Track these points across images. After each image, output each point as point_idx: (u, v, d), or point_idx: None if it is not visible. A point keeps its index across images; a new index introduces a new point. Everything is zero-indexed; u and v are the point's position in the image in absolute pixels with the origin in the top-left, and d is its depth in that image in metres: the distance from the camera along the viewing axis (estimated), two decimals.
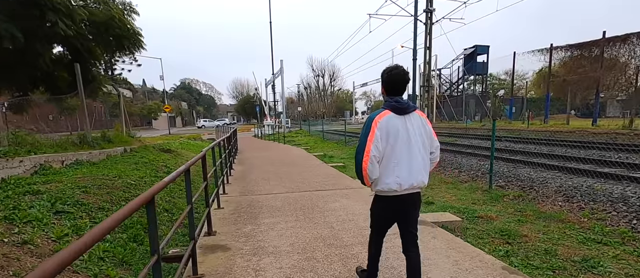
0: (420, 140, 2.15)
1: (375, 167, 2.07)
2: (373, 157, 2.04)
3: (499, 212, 5.14)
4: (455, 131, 20.58)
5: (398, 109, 2.11)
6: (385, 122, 2.07)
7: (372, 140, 2.04)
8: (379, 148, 2.05)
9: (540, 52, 23.04)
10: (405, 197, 2.16)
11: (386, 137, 2.07)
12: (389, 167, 2.09)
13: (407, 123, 2.11)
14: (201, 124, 54.94)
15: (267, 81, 33.48)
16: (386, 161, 2.10)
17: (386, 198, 2.18)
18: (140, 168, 6.56)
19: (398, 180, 2.08)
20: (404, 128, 2.10)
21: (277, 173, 8.34)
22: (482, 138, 14.65)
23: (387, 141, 2.07)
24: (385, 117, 2.09)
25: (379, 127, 2.06)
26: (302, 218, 4.58)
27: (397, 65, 2.23)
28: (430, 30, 16.14)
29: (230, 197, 5.99)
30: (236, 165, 10.21)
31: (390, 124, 2.08)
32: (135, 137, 10.56)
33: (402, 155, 2.09)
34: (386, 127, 2.07)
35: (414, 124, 2.14)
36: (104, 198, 4.35)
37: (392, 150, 2.08)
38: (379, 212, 2.34)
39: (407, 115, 2.12)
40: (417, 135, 2.13)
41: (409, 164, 2.10)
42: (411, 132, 2.11)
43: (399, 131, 2.08)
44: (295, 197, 5.84)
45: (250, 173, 8.59)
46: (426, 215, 4.74)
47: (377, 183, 2.15)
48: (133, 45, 8.83)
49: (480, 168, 8.01)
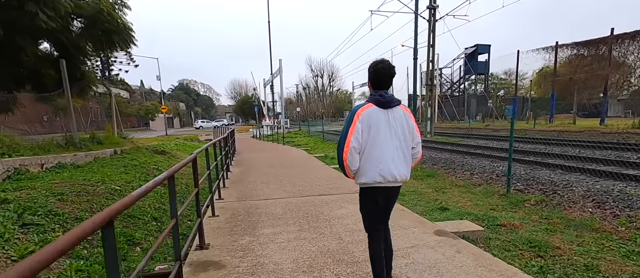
0: (403, 134, 2.15)
1: (355, 158, 2.09)
2: (353, 148, 2.06)
3: (523, 220, 4.67)
4: (459, 131, 20.15)
5: (381, 102, 2.11)
6: (367, 115, 2.09)
7: (353, 132, 2.06)
8: (359, 140, 2.07)
9: (545, 50, 22.63)
10: (387, 190, 2.18)
11: (368, 129, 2.08)
12: (371, 160, 2.11)
13: (389, 117, 2.12)
14: (199, 125, 54.34)
15: (265, 81, 32.98)
16: (368, 153, 2.11)
17: (370, 190, 2.19)
18: (129, 172, 6.06)
19: (382, 172, 2.09)
20: (386, 121, 2.11)
21: (276, 176, 7.86)
22: (489, 138, 14.20)
23: (368, 133, 2.08)
24: (367, 109, 2.10)
25: (360, 120, 2.08)
26: (306, 228, 4.10)
27: (382, 60, 2.22)
28: (433, 28, 15.68)
29: (226, 203, 5.50)
30: (234, 167, 9.72)
31: (373, 116, 2.09)
32: (127, 138, 10.05)
33: (384, 148, 2.10)
34: (368, 120, 2.08)
35: (397, 118, 2.14)
36: (82, 207, 3.85)
37: (374, 142, 2.09)
38: (366, 205, 2.30)
39: (390, 109, 2.13)
40: (399, 129, 2.14)
41: (391, 157, 2.11)
42: (393, 126, 2.12)
43: (380, 124, 2.09)
44: (297, 202, 5.35)
45: (249, 176, 8.10)
46: (444, 224, 4.25)
47: (359, 176, 2.16)
48: (124, 41, 8.30)
49: (494, 171, 7.53)
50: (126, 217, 4.29)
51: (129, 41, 8.43)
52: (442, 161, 9.34)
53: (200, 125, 52.38)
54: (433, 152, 11.42)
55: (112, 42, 8.10)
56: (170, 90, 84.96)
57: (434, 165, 9.18)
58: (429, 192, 6.57)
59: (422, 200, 5.93)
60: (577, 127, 16.43)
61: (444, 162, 9.20)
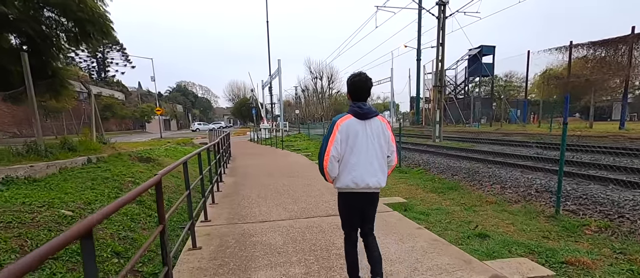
0: (379, 144, 2.28)
1: (335, 166, 2.25)
2: (332, 157, 2.21)
3: (592, 255, 3.62)
4: (467, 135, 19.14)
5: (359, 114, 2.25)
6: (346, 126, 2.24)
7: (333, 142, 2.22)
8: (338, 150, 2.22)
9: (558, 50, 21.66)
10: (362, 195, 2.31)
11: (346, 139, 2.23)
12: (347, 167, 2.26)
13: (367, 127, 2.26)
14: (196, 127, 53.16)
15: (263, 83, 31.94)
16: (345, 161, 2.26)
17: (345, 195, 2.35)
18: (96, 187, 4.99)
19: (355, 179, 2.24)
20: (364, 132, 2.25)
21: (275, 188, 6.81)
22: (504, 143, 13.17)
23: (346, 143, 2.24)
24: (346, 121, 2.25)
25: (339, 130, 2.23)
26: (316, 270, 3.07)
27: (360, 73, 2.33)
28: (443, 25, 14.70)
29: (213, 226, 4.45)
30: (227, 176, 8.66)
31: (351, 127, 2.24)
32: (108, 144, 8.97)
33: (360, 157, 2.24)
34: (346, 130, 2.23)
35: (374, 129, 2.27)
36: (8, 245, 2.79)
37: (351, 151, 2.24)
38: (342, 207, 2.43)
39: (367, 120, 2.27)
40: (375, 139, 2.27)
41: (365, 165, 2.24)
42: (370, 136, 2.26)
43: (358, 134, 2.24)
44: (301, 227, 4.31)
45: (243, 187, 7.05)
46: (499, 264, 3.20)
47: (336, 181, 2.32)
48: (100, 33, 7.22)
49: (531, 184, 6.47)
50: None
51: (107, 33, 7.37)
52: (463, 171, 8.30)
53: (196, 128, 51.20)
54: (448, 159, 10.39)
55: (86, 33, 7.04)
56: (167, 92, 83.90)
57: (454, 175, 8.14)
58: (457, 210, 5.53)
59: (452, 222, 4.89)
60: (595, 131, 15.44)
61: (466, 172, 8.16)
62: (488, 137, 17.07)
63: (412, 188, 7.24)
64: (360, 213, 2.40)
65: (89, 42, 7.58)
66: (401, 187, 7.44)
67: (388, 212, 4.96)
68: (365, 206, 2.38)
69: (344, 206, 2.40)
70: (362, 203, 2.35)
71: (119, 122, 49.24)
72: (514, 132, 17.78)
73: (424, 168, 9.43)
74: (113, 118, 42.94)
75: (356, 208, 2.37)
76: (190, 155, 3.92)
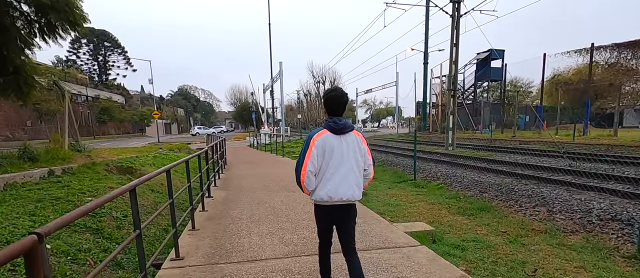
0: (354, 158, 2.31)
1: (311, 180, 2.27)
2: (309, 171, 2.24)
3: None
4: (480, 143, 17.94)
5: (335, 129, 2.29)
6: (322, 141, 2.27)
7: (309, 157, 2.24)
8: (314, 164, 2.25)
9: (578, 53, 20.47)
10: (337, 208, 2.34)
11: (322, 154, 2.26)
12: (323, 180, 2.29)
13: (342, 142, 2.29)
14: (195, 131, 52.11)
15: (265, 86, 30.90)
16: (321, 175, 2.29)
17: (321, 207, 2.39)
18: (38, 213, 3.87)
19: (329, 192, 2.27)
20: (339, 147, 2.28)
21: (272, 207, 5.68)
22: (526, 152, 11.96)
23: (322, 157, 2.26)
24: (322, 136, 2.28)
25: (315, 145, 2.26)
26: None
27: (336, 87, 2.40)
28: (457, 24, 13.60)
29: (185, 268, 3.32)
30: (218, 188, 7.54)
31: (327, 142, 2.27)
32: (84, 151, 7.88)
33: (335, 171, 2.27)
34: (322, 145, 2.26)
35: (350, 143, 2.30)
36: None
37: (326, 165, 2.27)
38: (318, 217, 2.48)
39: (343, 135, 2.30)
40: (351, 153, 2.30)
41: (340, 179, 2.27)
42: (345, 151, 2.29)
43: (333, 149, 2.27)
44: (303, 270, 3.18)
45: (234, 205, 5.92)
46: None
47: (313, 194, 2.34)
48: (67, 21, 6.18)
49: (588, 208, 5.13)
50: None
51: (75, 22, 6.30)
52: (493, 187, 7.11)
53: (196, 132, 50.14)
54: (471, 172, 9.17)
55: (51, 23, 6.01)
56: (169, 95, 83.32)
57: (482, 192, 6.96)
58: (499, 242, 4.37)
59: (499, 263, 3.74)
60: (622, 140, 14.22)
61: (497, 188, 6.97)
62: (504, 145, 15.87)
63: (434, 209, 6.09)
64: (339, 226, 2.44)
65: (56, 33, 6.52)
66: (421, 206, 6.30)
67: (413, 247, 3.79)
68: (343, 218, 2.41)
69: (320, 218, 2.47)
70: (337, 216, 2.39)
71: (118, 126, 48.37)
72: (531, 139, 16.59)
73: (443, 182, 8.28)
74: (111, 121, 42.07)
75: (332, 221, 2.44)
76: (139, 181, 2.81)
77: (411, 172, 10.04)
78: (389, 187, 8.10)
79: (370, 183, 8.75)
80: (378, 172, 10.33)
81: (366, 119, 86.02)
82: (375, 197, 7.01)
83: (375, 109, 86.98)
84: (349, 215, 2.40)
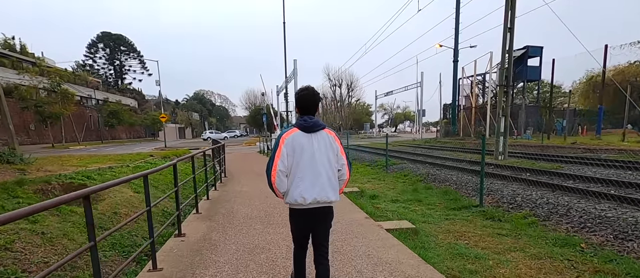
0: (326, 157, 2.22)
1: (283, 181, 2.18)
2: (280, 171, 2.15)
3: None
4: (529, 150, 15.06)
5: (305, 127, 2.21)
6: (291, 140, 2.18)
7: (279, 156, 2.15)
8: (285, 164, 2.16)
9: None
10: (312, 211, 2.23)
11: (292, 153, 2.17)
12: (294, 182, 2.18)
13: (313, 141, 2.20)
14: (207, 136, 50.56)
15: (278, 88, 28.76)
16: (292, 176, 2.19)
17: (295, 211, 2.28)
18: None
19: (302, 194, 2.16)
20: (309, 145, 2.18)
21: (272, 261, 3.31)
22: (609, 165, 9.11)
23: (293, 157, 2.17)
24: (291, 134, 2.20)
25: (285, 144, 2.17)
26: None
27: (307, 87, 2.32)
28: (513, 3, 10.97)
29: None
30: (200, 217, 5.22)
31: (296, 141, 2.18)
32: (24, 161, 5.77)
33: (306, 171, 2.17)
34: (292, 144, 2.18)
35: (321, 142, 2.22)
36: None
37: (297, 165, 2.17)
38: (292, 222, 2.37)
39: (313, 134, 2.21)
40: (322, 152, 2.21)
41: (312, 180, 2.17)
42: (316, 150, 2.19)
43: (304, 148, 2.17)
44: None
45: (215, 249, 3.57)
46: None
47: (286, 196, 2.23)
48: None
49: None
50: None
51: None
52: (604, 223, 4.48)
53: (208, 137, 48.53)
54: (560, 193, 6.27)
55: None
56: (184, 99, 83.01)
57: (590, 231, 4.31)
58: None
59: None
60: None
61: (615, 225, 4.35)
62: (561, 153, 13.00)
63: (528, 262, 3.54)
64: (313, 230, 2.34)
65: None
66: (521, 264, 3.72)
67: None
68: (317, 221, 2.31)
69: (295, 223, 2.36)
70: (312, 219, 2.28)
71: (128, 130, 47.44)
72: (596, 147, 13.62)
73: (531, 212, 5.65)
74: (120, 125, 41.00)
75: (307, 224, 2.33)
76: None
77: (468, 191, 7.46)
78: (446, 218, 5.56)
79: (422, 214, 6.25)
80: (423, 192, 7.77)
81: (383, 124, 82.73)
82: (433, 238, 4.50)
83: (394, 114, 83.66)
84: (325, 218, 2.32)
